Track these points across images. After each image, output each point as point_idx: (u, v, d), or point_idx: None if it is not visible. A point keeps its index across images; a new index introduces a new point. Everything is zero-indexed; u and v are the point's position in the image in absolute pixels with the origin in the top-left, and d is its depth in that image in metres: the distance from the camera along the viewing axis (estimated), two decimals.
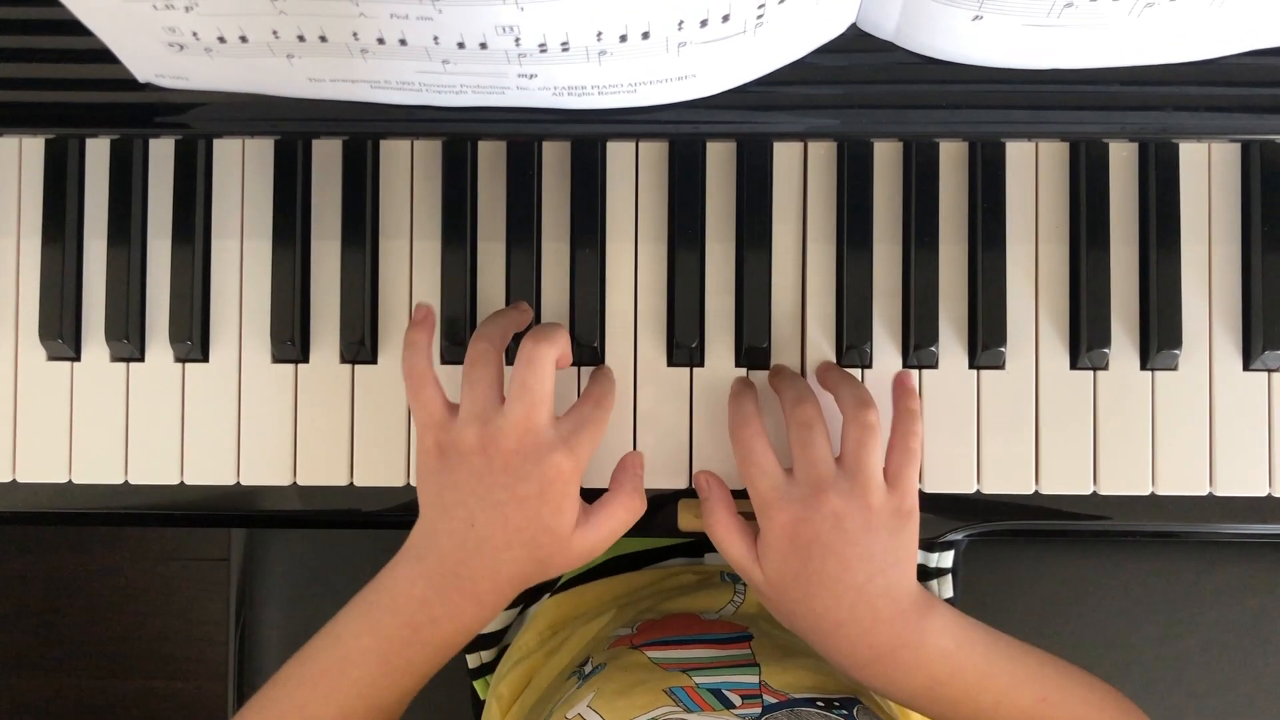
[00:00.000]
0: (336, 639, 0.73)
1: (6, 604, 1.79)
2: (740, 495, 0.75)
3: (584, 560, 0.73)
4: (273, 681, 0.74)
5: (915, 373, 0.78)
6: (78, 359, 0.80)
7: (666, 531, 0.79)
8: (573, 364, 0.79)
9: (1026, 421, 0.78)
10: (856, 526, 0.69)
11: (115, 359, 0.79)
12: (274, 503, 0.80)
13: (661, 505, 0.78)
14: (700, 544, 0.99)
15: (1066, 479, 0.78)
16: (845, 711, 0.73)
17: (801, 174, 0.79)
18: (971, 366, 0.78)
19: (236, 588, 1.06)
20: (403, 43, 0.64)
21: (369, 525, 0.81)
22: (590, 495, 0.74)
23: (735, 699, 0.74)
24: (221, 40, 0.65)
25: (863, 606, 0.70)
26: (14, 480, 0.80)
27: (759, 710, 0.72)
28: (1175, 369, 0.78)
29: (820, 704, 0.73)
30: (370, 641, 0.72)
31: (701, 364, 0.79)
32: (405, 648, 0.72)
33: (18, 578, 1.78)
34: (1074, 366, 0.78)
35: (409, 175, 0.80)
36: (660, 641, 0.82)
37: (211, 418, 0.79)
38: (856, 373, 0.78)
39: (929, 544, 0.99)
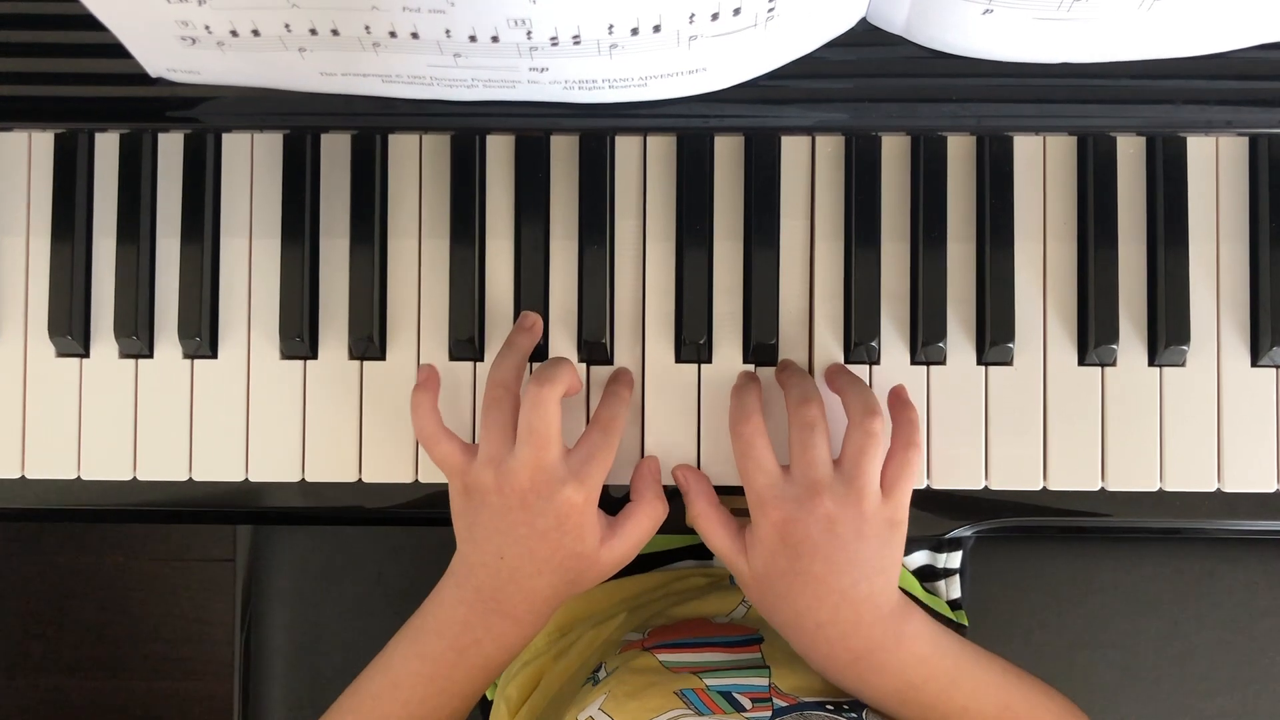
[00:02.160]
0: (387, 665, 0.77)
1: (11, 603, 1.79)
2: (735, 491, 0.76)
3: (616, 569, 0.76)
4: (328, 712, 0.78)
5: (918, 379, 0.78)
6: (86, 355, 0.80)
7: (674, 527, 0.79)
8: (583, 361, 0.79)
9: (1034, 418, 0.78)
10: (848, 532, 0.70)
11: (124, 355, 0.80)
12: (281, 499, 0.80)
13: (669, 501, 0.78)
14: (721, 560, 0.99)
15: (1074, 475, 0.78)
16: (854, 714, 0.73)
17: (809, 171, 0.79)
18: (979, 363, 0.78)
19: (243, 587, 1.06)
20: (415, 36, 0.64)
21: (373, 522, 0.81)
22: (608, 497, 0.76)
23: (745, 702, 0.74)
24: (234, 34, 0.65)
25: (845, 609, 0.71)
26: (23, 476, 0.80)
27: (769, 713, 0.73)
28: (1183, 365, 0.78)
29: (830, 707, 0.74)
30: (418, 665, 0.75)
31: (709, 360, 0.79)
32: (452, 669, 0.75)
33: (22, 577, 1.78)
34: (1082, 363, 0.78)
35: (417, 172, 0.80)
36: (671, 644, 0.82)
37: (220, 414, 0.79)
38: (864, 369, 0.78)
39: (937, 543, 0.99)
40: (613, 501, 0.76)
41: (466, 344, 0.78)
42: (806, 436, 0.71)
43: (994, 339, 0.77)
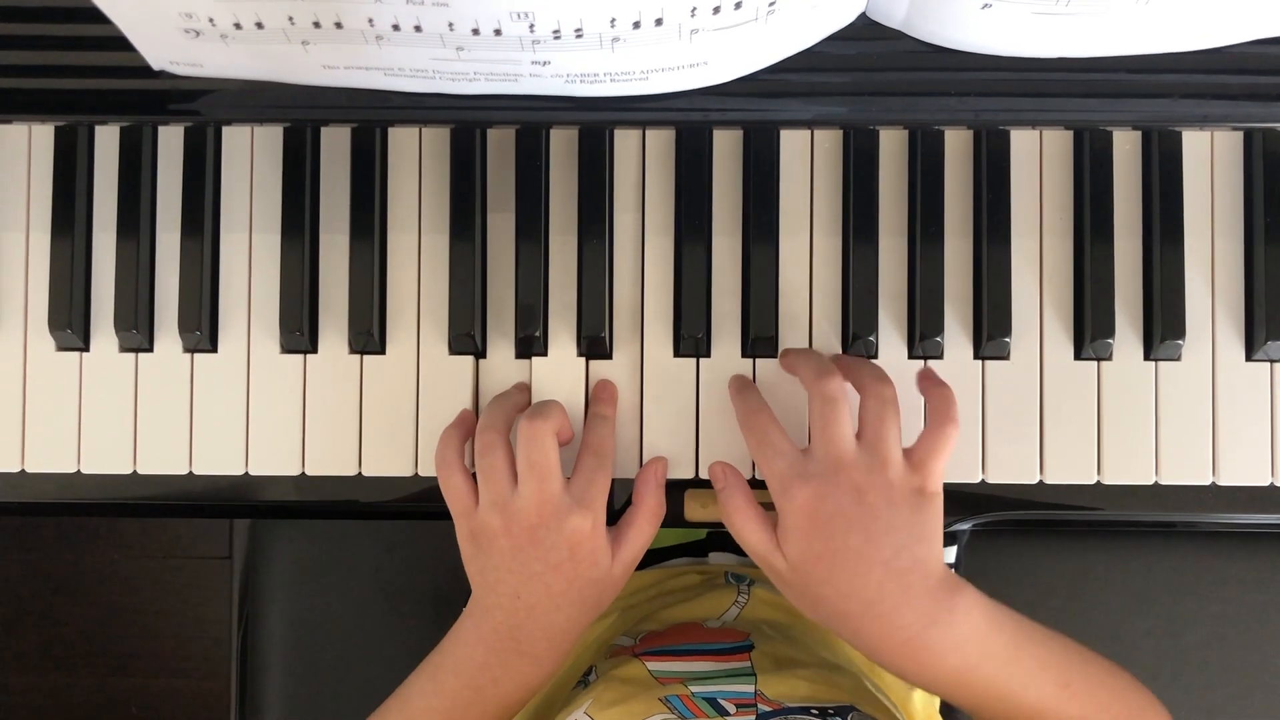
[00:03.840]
0: (406, 700, 0.77)
1: (7, 602, 1.78)
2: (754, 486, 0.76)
3: (628, 575, 0.76)
4: None
5: (906, 379, 0.78)
6: (86, 349, 0.80)
7: (674, 521, 0.79)
8: (582, 355, 0.79)
9: (1031, 412, 0.79)
10: (878, 501, 0.68)
11: (124, 349, 0.80)
12: (278, 493, 0.80)
13: (669, 495, 0.78)
14: (704, 543, 0.99)
15: (1070, 469, 0.78)
16: (840, 718, 0.73)
17: (808, 165, 0.79)
18: (976, 357, 0.79)
19: (240, 583, 1.06)
20: (418, 29, 0.64)
21: (370, 516, 0.82)
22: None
23: (730, 707, 0.73)
24: (237, 26, 0.65)
25: (891, 583, 0.68)
26: (22, 470, 0.80)
27: (753, 718, 0.72)
28: (1178, 359, 0.79)
29: (815, 712, 0.73)
30: (436, 702, 0.75)
31: (708, 355, 0.79)
32: (469, 708, 0.75)
33: (18, 575, 1.78)
34: (1078, 357, 0.79)
35: (417, 166, 0.80)
36: (660, 651, 0.82)
37: (220, 408, 0.79)
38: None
39: None
40: (613, 498, 0.77)
41: (466, 338, 0.78)
42: (830, 411, 0.70)
43: (991, 333, 0.78)
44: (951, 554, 1.00)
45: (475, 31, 0.64)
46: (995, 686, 0.70)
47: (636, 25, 0.64)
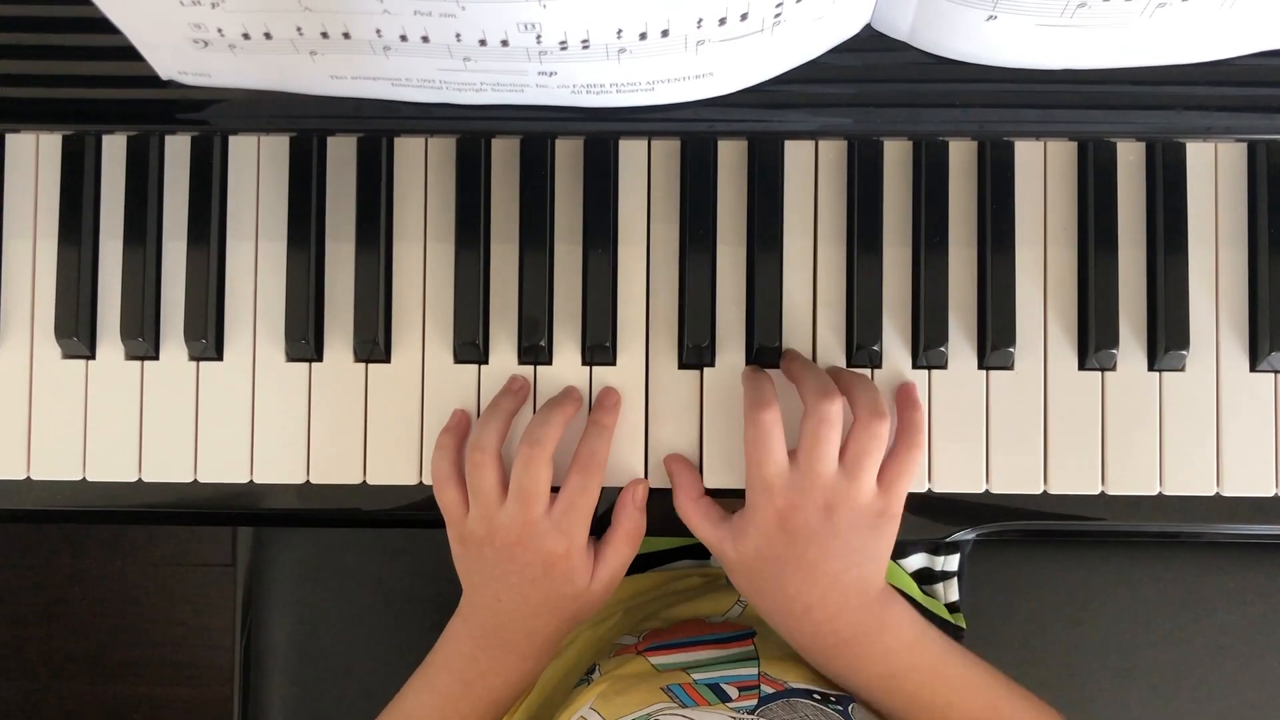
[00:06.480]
0: (401, 698, 0.80)
1: (10, 608, 1.78)
2: (735, 494, 0.77)
3: (609, 594, 0.78)
4: None
5: (919, 383, 0.79)
6: (93, 357, 0.80)
7: (678, 530, 0.79)
8: (586, 364, 0.79)
9: (1035, 422, 0.79)
10: (843, 522, 0.72)
11: (130, 357, 0.80)
12: (281, 501, 0.80)
13: (672, 504, 0.78)
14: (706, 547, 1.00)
15: (1074, 479, 0.79)
16: (840, 707, 0.74)
17: (813, 176, 0.80)
18: (980, 367, 0.79)
19: (243, 592, 1.06)
20: (425, 40, 0.64)
21: (373, 524, 0.82)
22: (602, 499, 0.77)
23: (732, 692, 0.75)
24: (246, 37, 0.66)
25: (834, 593, 0.73)
26: (28, 478, 0.80)
27: (755, 702, 0.74)
28: (1182, 370, 0.79)
29: (817, 696, 0.75)
30: (428, 697, 0.79)
31: (712, 364, 0.79)
32: (459, 702, 0.78)
33: (23, 583, 1.78)
34: (1082, 367, 0.79)
35: (422, 176, 0.80)
36: (663, 645, 0.82)
37: (225, 416, 0.80)
38: (866, 373, 0.79)
39: (935, 546, 0.99)
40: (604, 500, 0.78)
41: (471, 347, 0.78)
42: (823, 431, 0.72)
43: (995, 343, 0.78)
44: (954, 562, 1.00)
45: (482, 42, 0.64)
46: (919, 698, 0.74)
47: (643, 36, 0.64)
